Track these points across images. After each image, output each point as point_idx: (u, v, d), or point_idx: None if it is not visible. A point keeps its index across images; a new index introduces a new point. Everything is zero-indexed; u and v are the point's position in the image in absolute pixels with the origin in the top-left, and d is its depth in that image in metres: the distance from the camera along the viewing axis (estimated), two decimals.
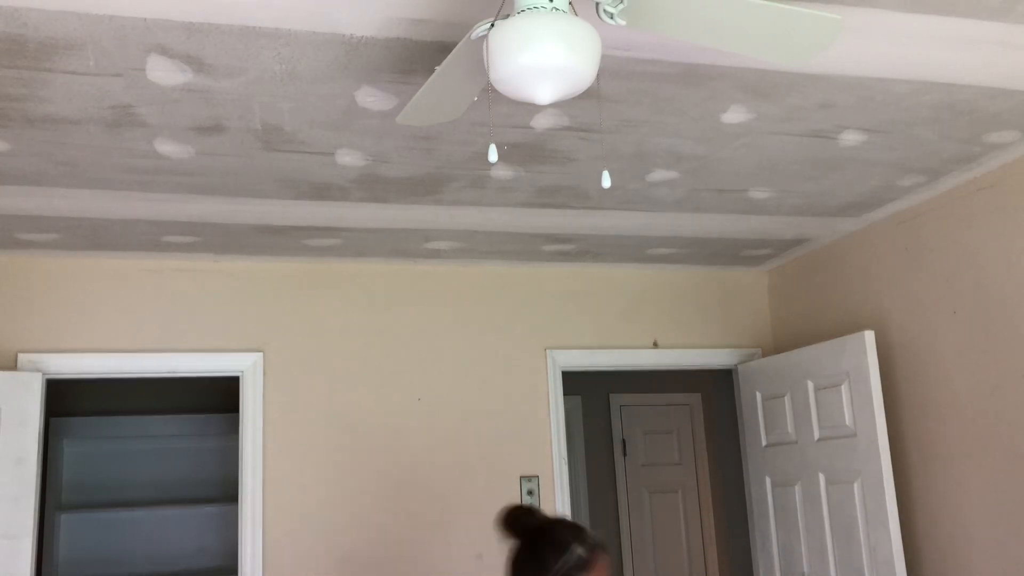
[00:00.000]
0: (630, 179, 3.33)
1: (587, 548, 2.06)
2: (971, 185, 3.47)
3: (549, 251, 4.24)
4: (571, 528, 2.12)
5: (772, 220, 3.93)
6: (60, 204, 3.28)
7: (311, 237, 3.83)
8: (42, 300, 3.86)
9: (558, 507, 4.23)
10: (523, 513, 2.13)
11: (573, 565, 2.02)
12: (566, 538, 2.07)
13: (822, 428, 4.03)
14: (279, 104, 2.58)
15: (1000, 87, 2.70)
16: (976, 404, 3.45)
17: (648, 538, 6.29)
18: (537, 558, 2.05)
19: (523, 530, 2.10)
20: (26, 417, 3.63)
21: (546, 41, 1.70)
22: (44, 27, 2.11)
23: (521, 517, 2.12)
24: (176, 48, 2.24)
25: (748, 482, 4.62)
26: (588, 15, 1.95)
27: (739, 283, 4.80)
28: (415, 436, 4.14)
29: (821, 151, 3.14)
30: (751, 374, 4.57)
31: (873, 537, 3.70)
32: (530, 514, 2.13)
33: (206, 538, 5.82)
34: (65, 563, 5.57)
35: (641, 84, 2.57)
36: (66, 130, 2.67)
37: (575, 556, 2.04)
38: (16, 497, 3.56)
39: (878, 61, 2.49)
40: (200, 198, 3.30)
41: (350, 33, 2.21)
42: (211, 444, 5.96)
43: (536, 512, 2.15)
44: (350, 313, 4.20)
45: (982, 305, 3.42)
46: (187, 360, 3.97)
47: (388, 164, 3.08)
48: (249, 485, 3.90)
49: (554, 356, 4.40)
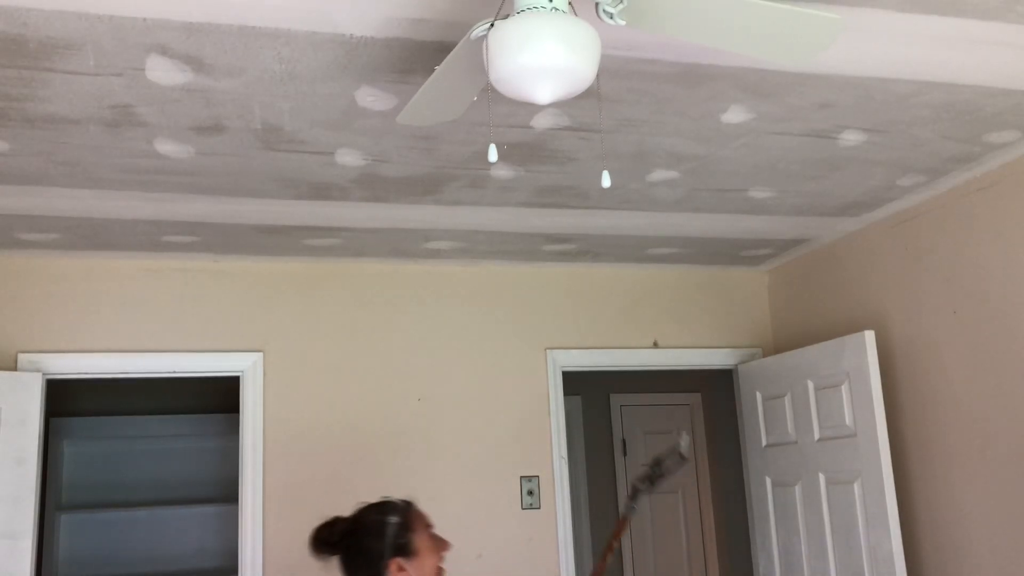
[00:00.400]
0: (630, 179, 3.33)
1: (399, 512, 2.12)
2: (971, 185, 3.47)
3: (549, 251, 4.24)
4: (374, 508, 2.15)
5: (772, 220, 3.93)
6: (60, 204, 3.28)
7: (311, 237, 3.83)
8: (42, 300, 3.86)
9: (558, 507, 4.23)
10: (324, 528, 2.14)
11: (396, 534, 2.08)
12: (376, 519, 2.11)
13: (822, 428, 4.03)
14: (279, 104, 2.58)
15: (1000, 87, 2.70)
16: (976, 404, 3.45)
17: (648, 538, 6.29)
18: (364, 553, 2.08)
19: (335, 542, 2.11)
20: (26, 417, 3.63)
21: (546, 41, 1.70)
22: (44, 27, 2.11)
23: (324, 533, 2.13)
24: (176, 48, 2.24)
25: (748, 482, 4.62)
26: (588, 15, 1.95)
27: (739, 283, 4.80)
28: (415, 436, 4.14)
29: (821, 151, 3.14)
30: (751, 374, 4.57)
31: (873, 537, 3.70)
32: (330, 525, 2.14)
33: (206, 538, 5.82)
34: (65, 563, 5.57)
35: (641, 84, 2.56)
36: (66, 130, 2.67)
37: (393, 526, 2.09)
38: (16, 497, 3.56)
39: (878, 61, 2.49)
40: (200, 198, 3.30)
41: (350, 33, 2.21)
42: (211, 444, 5.95)
43: (334, 520, 2.15)
44: (350, 313, 4.19)
45: (982, 305, 3.42)
46: (187, 360, 3.97)
47: (388, 164, 3.08)
48: (249, 485, 3.90)
49: (554, 356, 4.40)
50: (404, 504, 2.17)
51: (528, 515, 4.20)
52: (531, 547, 4.19)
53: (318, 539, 2.12)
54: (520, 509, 4.20)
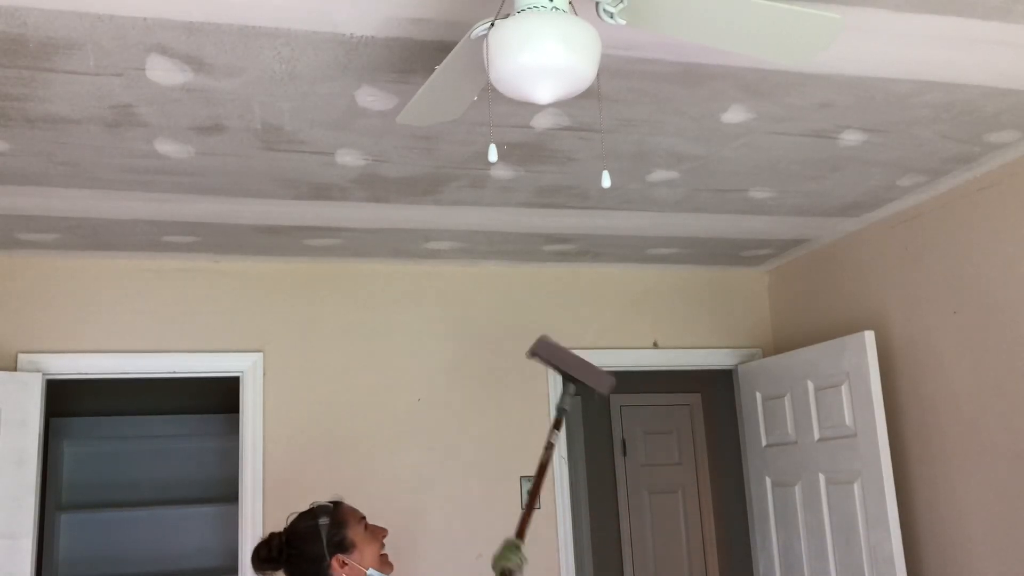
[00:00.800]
0: (630, 179, 3.33)
1: (328, 513, 2.22)
2: (971, 185, 3.47)
3: (549, 251, 4.24)
4: (304, 515, 2.26)
5: (772, 220, 3.93)
6: (60, 204, 3.28)
7: (311, 237, 3.83)
8: (42, 300, 3.86)
9: (558, 507, 4.23)
10: (262, 547, 2.23)
11: (332, 532, 2.19)
12: (308, 524, 2.22)
13: (822, 428, 4.03)
14: (279, 104, 2.58)
15: (1000, 87, 2.70)
16: (976, 404, 3.45)
17: (648, 538, 6.29)
18: (306, 559, 2.18)
19: (275, 557, 2.21)
20: (26, 417, 3.63)
21: (546, 41, 1.70)
22: (44, 27, 2.11)
23: (263, 551, 2.24)
24: (176, 48, 2.24)
25: (748, 482, 4.62)
26: (588, 15, 1.95)
27: (739, 283, 4.80)
28: (415, 436, 4.14)
29: (821, 151, 3.14)
30: (751, 374, 4.57)
31: (873, 537, 3.70)
32: (267, 543, 2.23)
33: (206, 538, 5.82)
34: (65, 563, 5.56)
35: (641, 84, 2.56)
36: (66, 130, 2.67)
37: (326, 526, 2.20)
38: (16, 497, 3.56)
39: (878, 61, 2.49)
40: (200, 198, 3.30)
41: (350, 33, 2.21)
42: (211, 444, 5.95)
43: (270, 536, 2.24)
44: (350, 313, 4.19)
45: (982, 305, 3.42)
46: (187, 360, 3.97)
47: (388, 164, 3.08)
48: (249, 485, 3.90)
49: None
50: (332, 504, 2.27)
51: None
52: (531, 547, 4.18)
53: (258, 558, 2.21)
54: (520, 509, 4.17)
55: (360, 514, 2.28)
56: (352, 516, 2.25)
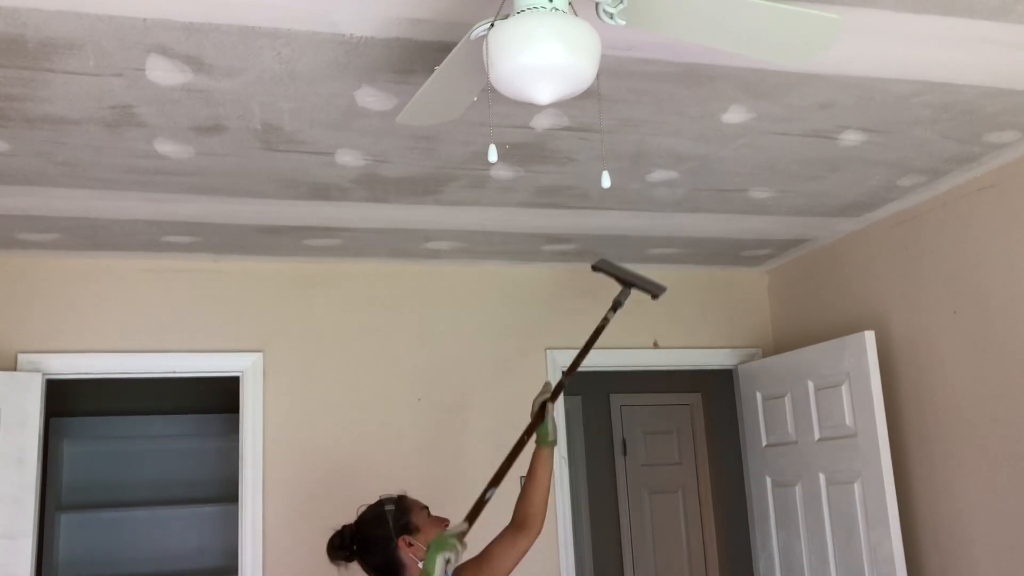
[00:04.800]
0: (630, 179, 3.33)
1: (393, 502, 2.45)
2: (971, 185, 3.47)
3: (549, 251, 4.24)
4: (372, 506, 2.48)
5: (772, 220, 3.93)
6: (60, 204, 3.28)
7: (311, 237, 3.83)
8: (42, 300, 3.86)
9: (558, 507, 4.23)
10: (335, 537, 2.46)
11: (397, 517, 2.42)
12: (376, 512, 2.45)
13: (822, 428, 4.03)
14: (279, 104, 2.58)
15: (1000, 87, 2.69)
16: (976, 404, 3.45)
17: (648, 538, 6.29)
18: (375, 543, 2.40)
19: (348, 545, 2.42)
20: (26, 417, 3.63)
21: (546, 41, 1.70)
22: (44, 27, 2.11)
23: (336, 540, 2.45)
24: (176, 48, 2.24)
25: (748, 482, 4.62)
26: (588, 15, 1.95)
27: (739, 283, 4.80)
28: (415, 436, 4.14)
29: (821, 151, 3.14)
30: (751, 374, 4.57)
31: (873, 537, 3.70)
32: (340, 534, 2.46)
33: (206, 538, 5.82)
34: (65, 563, 5.56)
35: (641, 84, 2.56)
36: (66, 130, 2.67)
37: (392, 512, 2.44)
38: (16, 497, 3.56)
39: (878, 61, 2.49)
40: (200, 198, 3.30)
41: (350, 33, 2.21)
42: (211, 444, 5.95)
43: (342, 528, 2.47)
44: (350, 313, 4.19)
45: (982, 305, 3.42)
46: (187, 360, 3.97)
47: (388, 164, 3.08)
48: (249, 485, 3.90)
49: (554, 356, 4.39)
50: (397, 496, 2.50)
51: None
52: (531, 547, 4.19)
53: (333, 547, 2.41)
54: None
55: (423, 504, 2.50)
56: (415, 504, 2.48)
